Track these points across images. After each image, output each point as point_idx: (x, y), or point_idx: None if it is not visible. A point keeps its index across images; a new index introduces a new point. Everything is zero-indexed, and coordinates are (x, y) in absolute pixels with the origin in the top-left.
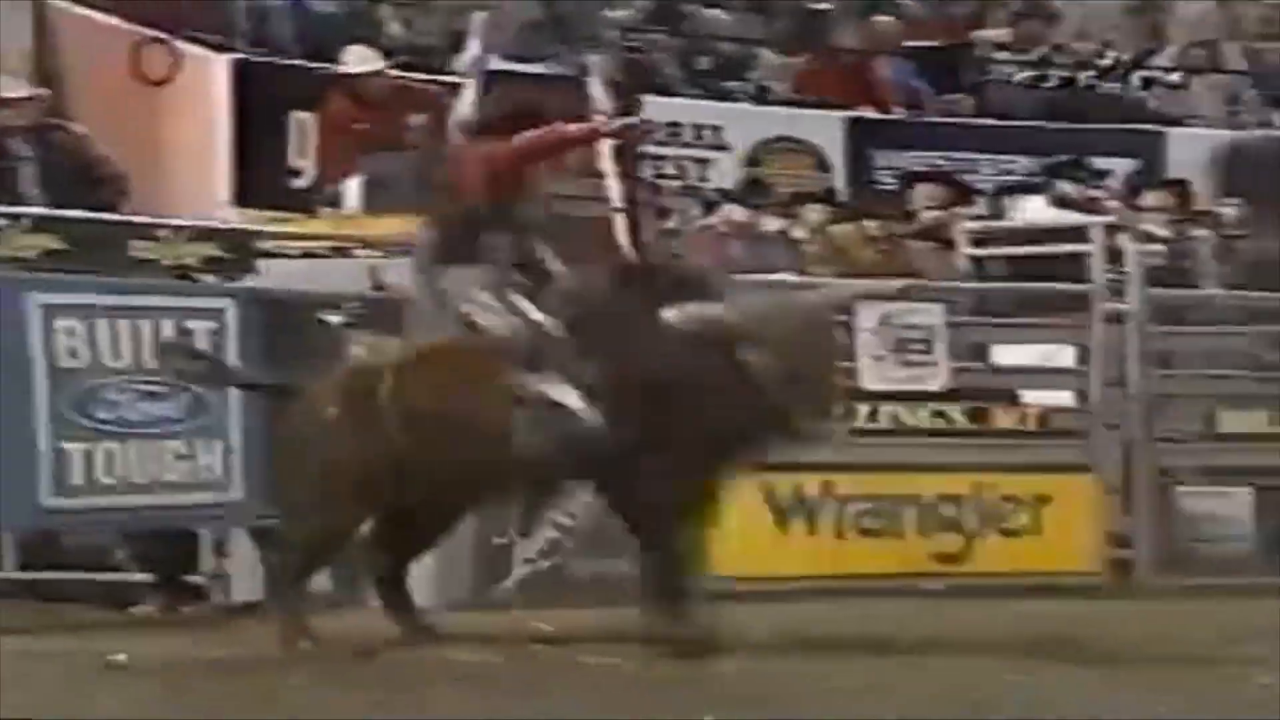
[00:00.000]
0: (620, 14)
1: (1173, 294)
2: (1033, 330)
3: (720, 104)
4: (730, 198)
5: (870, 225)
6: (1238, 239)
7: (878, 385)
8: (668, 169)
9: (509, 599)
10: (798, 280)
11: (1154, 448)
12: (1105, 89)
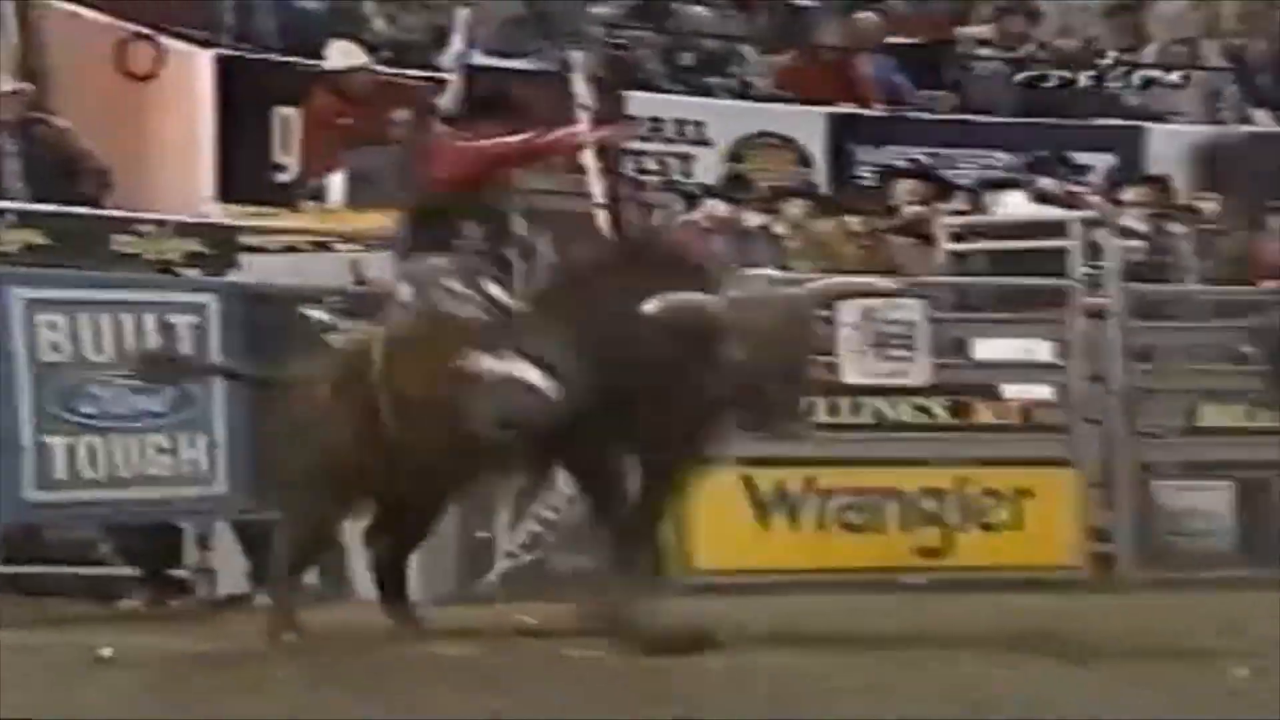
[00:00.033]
0: (603, 10)
1: (1153, 289)
2: (1013, 325)
3: (702, 100)
4: (712, 193)
5: (851, 220)
6: (1217, 234)
7: (859, 380)
8: (650, 164)
9: (492, 593)
10: (780, 275)
11: (1134, 442)
12: (1085, 85)
